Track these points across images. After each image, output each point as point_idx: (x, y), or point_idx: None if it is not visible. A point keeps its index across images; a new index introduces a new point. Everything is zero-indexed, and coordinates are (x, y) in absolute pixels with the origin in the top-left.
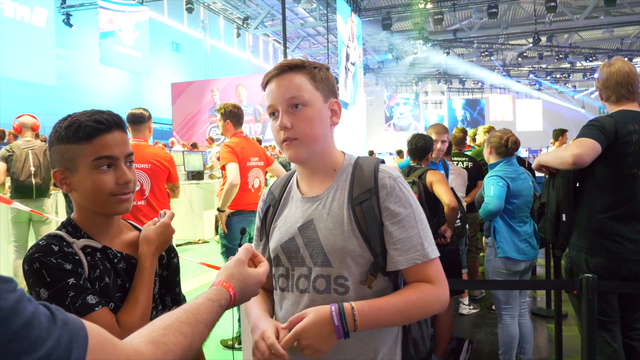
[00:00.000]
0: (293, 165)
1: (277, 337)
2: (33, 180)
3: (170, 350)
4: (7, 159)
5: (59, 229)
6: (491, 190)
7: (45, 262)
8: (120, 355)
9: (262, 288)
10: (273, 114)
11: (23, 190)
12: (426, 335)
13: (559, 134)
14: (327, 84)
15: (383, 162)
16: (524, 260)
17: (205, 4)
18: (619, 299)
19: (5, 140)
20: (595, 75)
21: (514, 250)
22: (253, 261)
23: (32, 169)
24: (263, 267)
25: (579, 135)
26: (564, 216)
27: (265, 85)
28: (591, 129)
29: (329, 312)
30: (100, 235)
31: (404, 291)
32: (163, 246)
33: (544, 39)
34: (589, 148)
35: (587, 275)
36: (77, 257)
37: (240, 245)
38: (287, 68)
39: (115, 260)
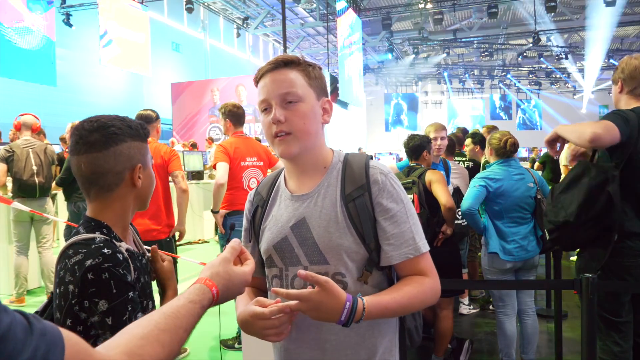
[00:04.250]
0: None
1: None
2: (36, 179)
3: None
4: (8, 160)
5: (89, 230)
6: (468, 191)
7: (114, 272)
8: None
9: (256, 288)
10: (266, 109)
11: (26, 190)
12: (419, 325)
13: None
14: (320, 82)
15: (372, 158)
16: (509, 260)
17: (205, 4)
18: (632, 299)
19: (8, 140)
20: (620, 67)
21: (499, 249)
22: (240, 258)
23: (35, 167)
24: (249, 265)
25: (603, 119)
26: (616, 236)
27: (259, 79)
28: (616, 117)
29: (342, 305)
30: (125, 236)
31: (405, 286)
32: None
33: (544, 38)
34: (609, 131)
35: (587, 275)
36: (129, 264)
37: (228, 241)
38: (282, 63)
39: (139, 258)
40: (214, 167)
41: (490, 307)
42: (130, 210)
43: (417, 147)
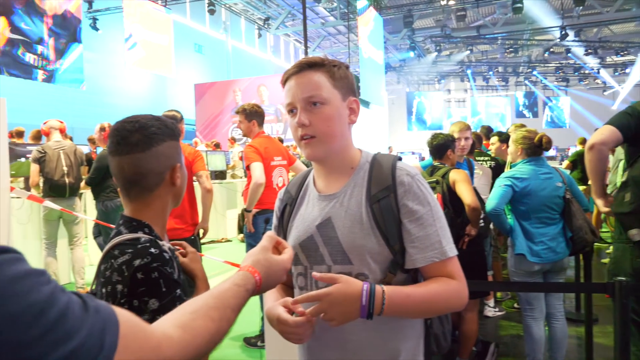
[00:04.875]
0: None
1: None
2: (66, 180)
3: (198, 334)
4: (40, 160)
5: (131, 230)
6: (494, 191)
7: (163, 272)
8: (151, 340)
9: (285, 284)
10: (292, 111)
11: (57, 190)
12: (447, 331)
13: None
14: (346, 82)
15: (400, 159)
16: (537, 262)
17: (227, 5)
18: None
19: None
20: None
21: (527, 250)
22: (277, 248)
23: (65, 168)
24: (287, 253)
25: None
26: None
27: (284, 82)
28: (618, 116)
29: (360, 289)
30: (163, 235)
31: (429, 283)
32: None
33: (571, 33)
34: (601, 133)
35: (620, 278)
36: (174, 262)
37: (263, 233)
38: (307, 66)
39: (174, 256)
40: (248, 167)
41: (515, 305)
42: (168, 208)
43: (440, 146)
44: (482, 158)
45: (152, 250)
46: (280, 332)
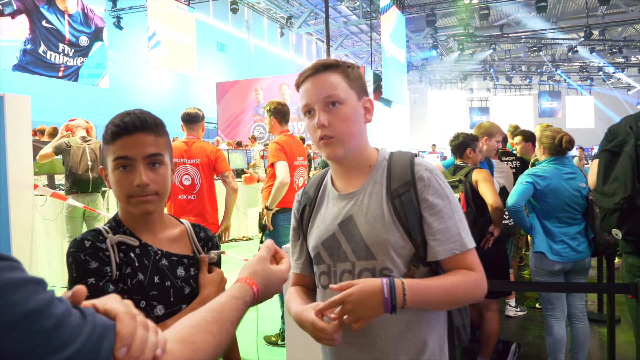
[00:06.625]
0: None
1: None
2: (90, 175)
3: (199, 349)
4: (63, 151)
5: (105, 223)
6: (515, 188)
7: (75, 257)
8: None
9: (306, 287)
10: (309, 112)
11: (80, 184)
12: (467, 324)
13: None
14: (360, 82)
15: (416, 155)
16: (558, 261)
17: (250, 4)
18: None
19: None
20: None
21: (547, 249)
22: (275, 258)
23: (90, 163)
24: (285, 263)
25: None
26: None
27: (299, 84)
28: (600, 145)
29: (380, 284)
30: (141, 231)
31: (448, 275)
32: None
33: (596, 32)
34: (592, 173)
35: None
36: (107, 253)
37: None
38: (322, 67)
39: (157, 258)
40: (271, 165)
41: (537, 304)
42: (125, 210)
43: (460, 144)
44: (507, 158)
45: (78, 237)
46: (316, 338)
